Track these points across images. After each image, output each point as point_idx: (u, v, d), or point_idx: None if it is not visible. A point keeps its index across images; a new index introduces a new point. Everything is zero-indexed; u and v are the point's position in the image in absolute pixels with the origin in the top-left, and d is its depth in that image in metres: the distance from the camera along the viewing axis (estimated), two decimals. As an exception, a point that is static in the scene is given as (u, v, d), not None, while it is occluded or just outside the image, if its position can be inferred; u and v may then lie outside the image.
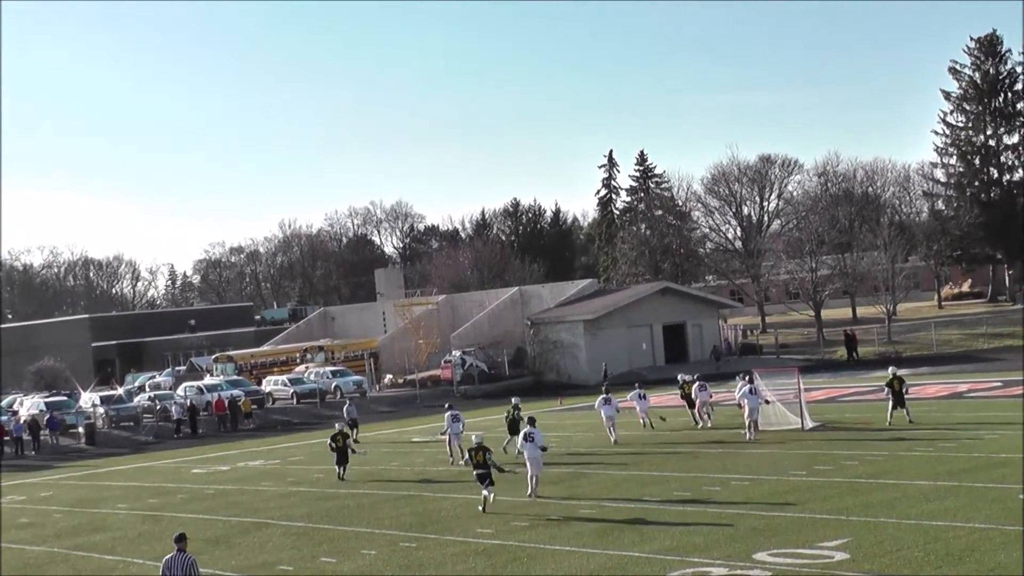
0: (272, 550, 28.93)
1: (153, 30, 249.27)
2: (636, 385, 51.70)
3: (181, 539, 20.00)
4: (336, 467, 41.05)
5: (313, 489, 39.29)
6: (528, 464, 33.39)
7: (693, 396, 48.44)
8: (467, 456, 32.80)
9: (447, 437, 42.76)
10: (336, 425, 43.30)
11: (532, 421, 34.67)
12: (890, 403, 43.42)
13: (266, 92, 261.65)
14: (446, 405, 45.14)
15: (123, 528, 34.94)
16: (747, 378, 44.73)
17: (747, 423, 43.07)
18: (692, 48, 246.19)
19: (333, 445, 41.33)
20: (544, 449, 33.61)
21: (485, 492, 31.26)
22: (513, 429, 43.28)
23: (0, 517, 39.65)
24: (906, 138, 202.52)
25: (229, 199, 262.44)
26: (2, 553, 32.20)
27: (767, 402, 44.45)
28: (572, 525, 28.54)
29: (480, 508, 31.28)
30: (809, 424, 43.98)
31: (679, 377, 50.94)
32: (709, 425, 47.37)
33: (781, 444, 40.58)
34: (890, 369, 45.45)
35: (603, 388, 52.12)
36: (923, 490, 28.95)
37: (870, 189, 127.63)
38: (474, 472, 31.79)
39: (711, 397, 48.99)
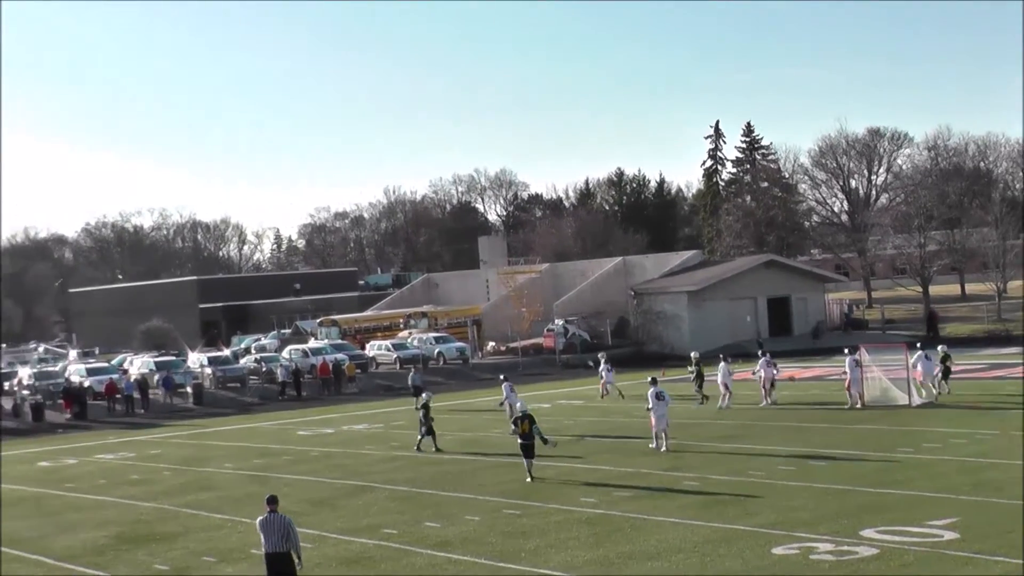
0: (376, 513, 29.18)
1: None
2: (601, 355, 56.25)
3: (273, 501, 20.22)
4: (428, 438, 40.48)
5: (417, 454, 39.52)
6: (655, 420, 36.40)
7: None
8: (513, 426, 33.31)
9: (506, 406, 43.43)
10: (423, 396, 42.89)
11: (655, 381, 37.99)
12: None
13: (373, 58, 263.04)
14: (501, 377, 47.08)
15: (230, 487, 35.47)
16: (853, 352, 45.17)
17: (850, 393, 44.52)
18: (801, 18, 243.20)
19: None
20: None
21: (527, 462, 32.60)
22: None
23: None
24: (1020, 113, 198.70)
25: (335, 165, 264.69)
26: (112, 507, 32.89)
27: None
28: (675, 497, 28.50)
29: (528, 479, 32.30)
30: (916, 401, 43.52)
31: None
32: (772, 401, 47.10)
33: (888, 421, 40.15)
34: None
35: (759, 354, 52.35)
36: (1035, 471, 28.51)
37: (982, 164, 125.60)
38: (519, 442, 32.83)
39: (777, 374, 48.72)
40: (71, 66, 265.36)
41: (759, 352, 53.23)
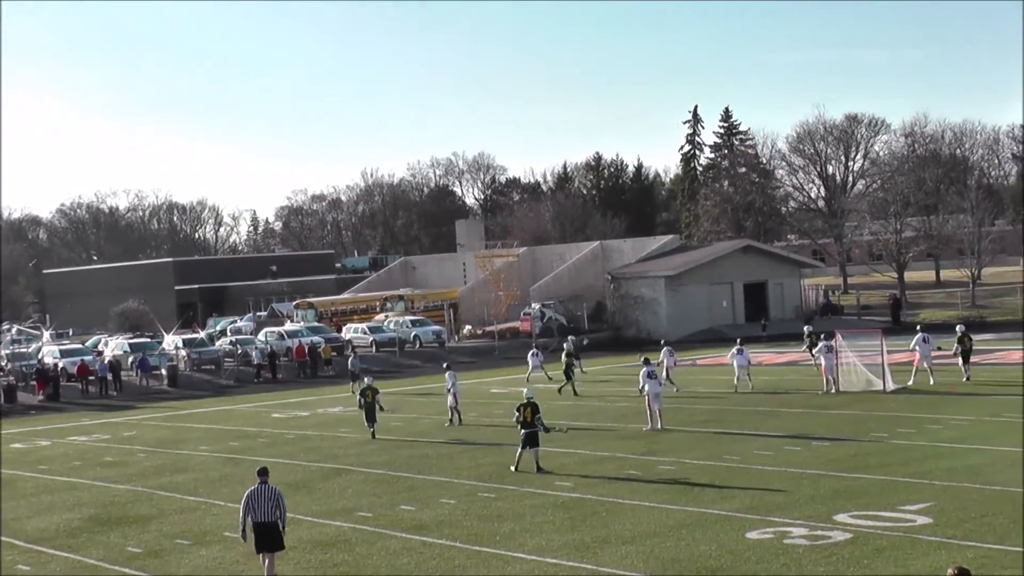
0: (352, 496, 29.17)
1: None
2: (535, 347, 58.17)
3: (264, 472, 20.94)
4: (366, 424, 40.05)
5: (392, 437, 39.49)
6: (650, 400, 37.51)
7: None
8: (516, 413, 31.39)
9: (448, 396, 43.08)
10: (365, 380, 42.46)
11: (647, 361, 39.60)
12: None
13: (349, 40, 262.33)
14: (444, 365, 45.99)
15: (205, 469, 35.40)
16: (827, 339, 45.70)
17: (825, 379, 44.84)
18: (780, 3, 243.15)
19: (362, 401, 40.34)
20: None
21: (523, 451, 30.97)
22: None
23: None
24: (996, 100, 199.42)
25: (312, 147, 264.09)
26: (86, 489, 32.78)
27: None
28: (651, 481, 28.53)
29: (513, 468, 31.05)
30: (891, 386, 43.68)
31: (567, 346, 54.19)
32: (750, 388, 46.88)
33: (863, 406, 40.26)
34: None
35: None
36: (1010, 457, 28.58)
37: (958, 151, 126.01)
38: (521, 431, 31.03)
39: (749, 362, 48.55)
40: (58, 41, 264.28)
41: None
